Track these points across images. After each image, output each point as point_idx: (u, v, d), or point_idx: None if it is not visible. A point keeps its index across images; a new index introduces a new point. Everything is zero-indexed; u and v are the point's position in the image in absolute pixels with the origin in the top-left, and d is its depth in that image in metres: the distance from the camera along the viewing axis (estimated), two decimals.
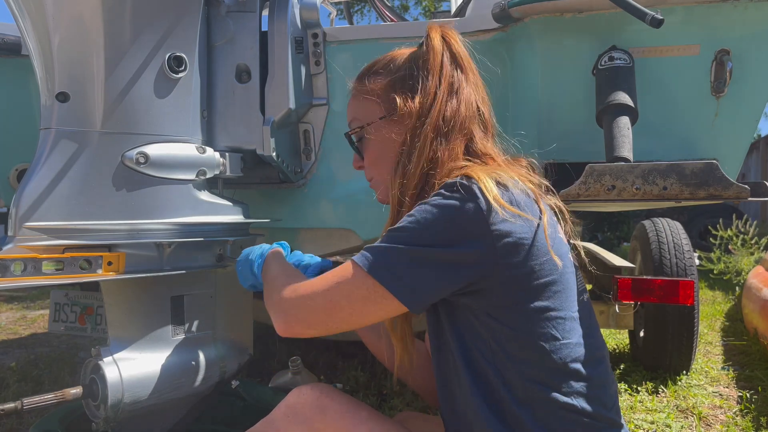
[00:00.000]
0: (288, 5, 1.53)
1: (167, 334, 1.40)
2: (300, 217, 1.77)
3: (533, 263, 0.93)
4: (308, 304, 0.97)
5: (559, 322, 0.96)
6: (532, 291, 0.94)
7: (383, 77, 1.12)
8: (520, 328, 0.94)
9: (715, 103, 1.46)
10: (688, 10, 1.40)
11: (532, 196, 0.99)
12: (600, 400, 0.98)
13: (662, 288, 2.23)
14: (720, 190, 1.27)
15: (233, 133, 1.50)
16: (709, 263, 5.54)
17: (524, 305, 0.94)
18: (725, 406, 2.42)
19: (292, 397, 1.05)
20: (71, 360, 2.98)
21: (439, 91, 1.04)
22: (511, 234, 0.90)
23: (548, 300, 0.95)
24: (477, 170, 0.96)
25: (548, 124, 1.52)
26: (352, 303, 0.94)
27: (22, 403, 1.20)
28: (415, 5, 12.27)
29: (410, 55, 1.11)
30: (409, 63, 1.09)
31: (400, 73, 1.09)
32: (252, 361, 1.65)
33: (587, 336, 1.01)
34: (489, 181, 0.92)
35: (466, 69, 1.08)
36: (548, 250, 0.94)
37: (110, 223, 1.25)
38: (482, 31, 1.55)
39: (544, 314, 0.95)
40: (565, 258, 1.00)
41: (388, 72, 1.12)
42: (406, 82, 1.08)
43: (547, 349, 0.94)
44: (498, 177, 0.95)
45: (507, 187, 0.94)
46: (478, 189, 0.91)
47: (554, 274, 0.95)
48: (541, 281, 0.94)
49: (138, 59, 1.27)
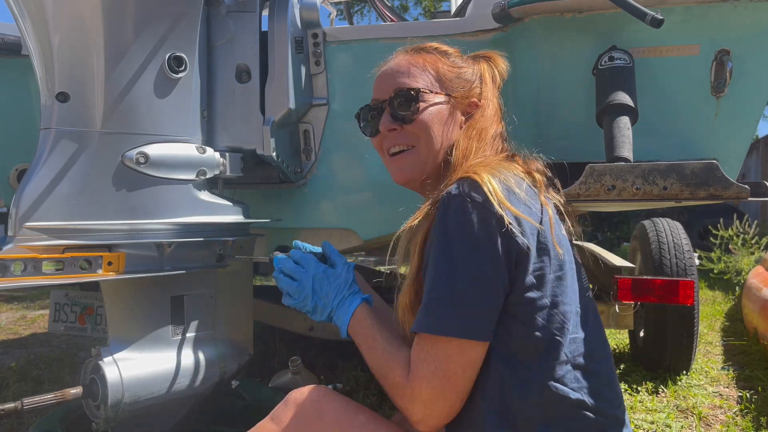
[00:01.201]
0: (288, 5, 1.53)
1: (167, 334, 1.40)
2: (300, 217, 1.77)
3: (543, 258, 0.95)
4: (435, 398, 0.94)
5: (568, 316, 0.97)
6: (544, 284, 0.95)
7: (459, 68, 1.17)
8: (536, 325, 0.95)
9: (715, 103, 1.46)
10: (688, 10, 1.40)
11: (536, 194, 1.01)
12: (606, 398, 0.99)
13: (662, 288, 2.23)
14: (720, 190, 1.27)
15: (233, 133, 1.50)
16: (709, 263, 5.54)
17: (539, 300, 0.95)
18: (725, 406, 2.42)
19: (289, 401, 1.05)
20: (71, 360, 2.98)
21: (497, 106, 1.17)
22: (519, 228, 0.93)
23: (559, 295, 0.97)
24: (480, 169, 0.98)
25: (548, 124, 1.52)
26: (461, 370, 0.93)
27: (22, 403, 1.20)
28: (415, 5, 12.28)
29: (476, 65, 1.20)
30: (476, 72, 1.18)
31: (470, 75, 1.17)
32: (252, 361, 1.65)
33: (594, 332, 1.02)
34: (493, 182, 0.95)
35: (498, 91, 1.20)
36: (554, 244, 0.96)
37: (110, 223, 1.25)
38: (482, 31, 1.55)
39: (557, 309, 0.96)
40: (569, 254, 1.01)
41: (460, 68, 1.17)
42: (473, 84, 1.16)
43: (563, 342, 0.95)
44: (501, 176, 0.98)
45: (511, 185, 0.97)
46: (485, 191, 0.93)
47: (561, 269, 0.98)
48: (552, 275, 0.96)
49: (138, 59, 1.27)
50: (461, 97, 1.14)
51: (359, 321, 1.08)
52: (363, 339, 1.06)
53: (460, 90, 1.14)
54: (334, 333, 2.50)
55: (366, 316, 1.08)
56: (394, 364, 0.98)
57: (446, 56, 1.18)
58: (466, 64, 1.18)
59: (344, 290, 1.13)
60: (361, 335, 1.07)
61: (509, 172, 1.01)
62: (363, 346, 1.06)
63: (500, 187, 0.94)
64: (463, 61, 1.19)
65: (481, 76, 1.18)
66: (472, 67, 1.18)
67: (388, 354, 1.01)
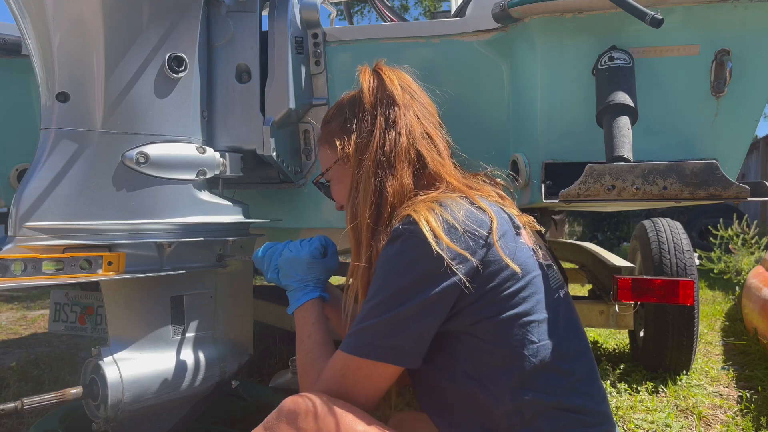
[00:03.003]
0: (288, 5, 1.53)
1: (167, 334, 1.40)
2: (300, 217, 1.77)
3: (495, 277, 0.97)
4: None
5: (533, 326, 0.99)
6: (500, 302, 0.98)
7: (334, 124, 1.21)
8: (498, 340, 0.98)
9: (715, 103, 1.46)
10: (688, 10, 1.40)
11: (481, 212, 1.02)
12: (586, 393, 1.00)
13: (662, 288, 2.22)
14: (720, 190, 1.27)
15: (233, 133, 1.50)
16: (709, 263, 5.54)
17: (497, 317, 0.97)
18: (725, 406, 2.42)
19: (287, 404, 1.03)
20: (71, 360, 2.98)
21: (374, 128, 1.12)
22: (466, 258, 0.95)
23: (518, 307, 0.98)
24: (420, 207, 1.01)
25: (548, 124, 1.52)
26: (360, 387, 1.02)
27: (22, 403, 1.20)
28: (415, 5, 12.29)
29: (349, 99, 1.20)
30: (349, 107, 1.18)
31: (342, 117, 1.19)
32: (252, 361, 1.65)
33: (565, 332, 1.03)
34: (431, 217, 0.97)
35: (402, 103, 1.14)
36: (504, 259, 0.98)
37: (110, 223, 1.25)
38: (482, 31, 1.55)
39: (518, 321, 0.98)
40: (529, 262, 1.02)
41: (335, 118, 1.21)
42: (345, 125, 1.17)
43: (526, 354, 0.97)
44: (440, 209, 1.00)
45: (449, 216, 0.99)
46: (424, 229, 0.96)
47: (519, 281, 0.99)
48: (507, 291, 0.98)
49: (138, 59, 1.27)
50: (344, 149, 1.16)
51: (304, 312, 1.21)
52: (300, 330, 1.19)
53: (341, 142, 1.17)
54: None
55: (312, 311, 1.21)
56: (310, 368, 1.12)
57: (327, 122, 1.24)
58: (342, 114, 1.19)
59: (310, 280, 1.24)
60: (300, 326, 1.20)
61: (448, 201, 1.02)
62: (297, 337, 1.19)
63: (438, 224, 0.97)
64: (340, 110, 1.21)
65: (354, 106, 1.17)
66: (345, 108, 1.19)
67: (312, 356, 1.14)
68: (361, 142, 1.13)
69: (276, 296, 2.75)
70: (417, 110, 1.15)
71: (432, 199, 1.03)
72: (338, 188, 1.25)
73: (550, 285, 1.07)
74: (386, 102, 1.14)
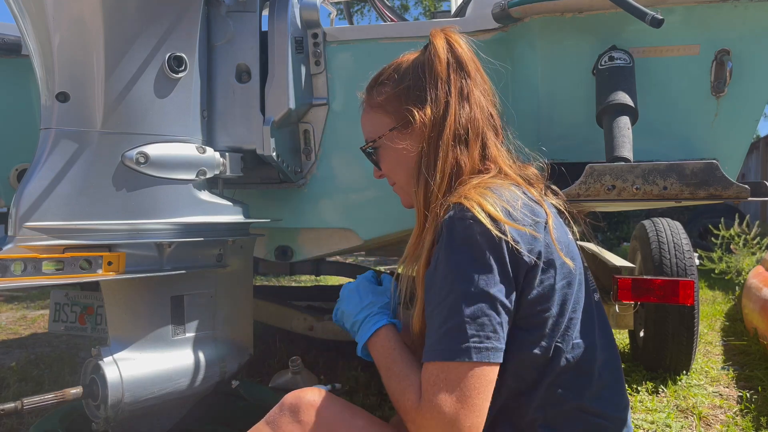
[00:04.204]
0: (288, 5, 1.53)
1: (167, 334, 1.40)
2: (300, 217, 1.77)
3: (549, 268, 0.95)
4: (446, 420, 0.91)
5: (573, 323, 0.98)
6: (550, 296, 0.95)
7: (390, 88, 1.11)
8: (540, 334, 0.95)
9: (715, 103, 1.46)
10: (688, 10, 1.40)
11: (535, 204, 1.00)
12: (609, 400, 0.99)
13: (662, 288, 2.23)
14: (720, 190, 1.27)
15: (233, 133, 1.50)
16: (709, 263, 5.54)
17: (544, 312, 0.95)
18: (725, 406, 2.42)
19: (289, 399, 1.04)
20: (71, 360, 2.98)
21: (450, 99, 1.03)
22: (522, 244, 0.92)
23: (563, 303, 0.97)
24: (473, 194, 0.95)
25: (548, 124, 1.52)
26: (476, 392, 0.90)
27: (22, 403, 1.20)
28: (415, 5, 12.28)
29: (414, 62, 1.10)
30: (414, 72, 1.08)
31: (407, 83, 1.08)
32: (252, 361, 1.65)
33: (598, 336, 1.02)
34: (487, 204, 0.93)
35: (473, 72, 1.07)
36: (559, 253, 0.96)
37: (110, 223, 1.25)
38: (482, 31, 1.55)
39: (561, 317, 0.96)
40: (578, 259, 1.01)
41: (394, 82, 1.11)
42: (413, 92, 1.07)
43: (561, 348, 0.96)
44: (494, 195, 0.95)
45: (505, 203, 0.95)
46: (481, 213, 0.91)
47: (568, 277, 0.98)
48: (557, 285, 0.96)
49: (138, 59, 1.27)
50: (418, 118, 1.05)
51: (382, 340, 1.06)
52: (383, 358, 1.04)
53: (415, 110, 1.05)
54: (334, 333, 2.51)
55: (390, 337, 1.06)
56: (407, 386, 0.95)
57: (382, 85, 1.13)
58: (408, 78, 1.08)
59: (373, 308, 1.11)
60: (381, 355, 1.05)
61: (502, 188, 0.99)
62: (381, 367, 1.04)
63: (495, 207, 0.92)
64: (404, 75, 1.10)
65: (424, 72, 1.06)
66: (410, 73, 1.09)
67: (404, 375, 0.98)
68: (437, 113, 1.03)
69: (276, 296, 2.75)
70: (483, 86, 1.09)
71: (487, 185, 0.98)
72: (390, 155, 1.12)
73: (590, 287, 1.06)
74: (460, 73, 1.05)
